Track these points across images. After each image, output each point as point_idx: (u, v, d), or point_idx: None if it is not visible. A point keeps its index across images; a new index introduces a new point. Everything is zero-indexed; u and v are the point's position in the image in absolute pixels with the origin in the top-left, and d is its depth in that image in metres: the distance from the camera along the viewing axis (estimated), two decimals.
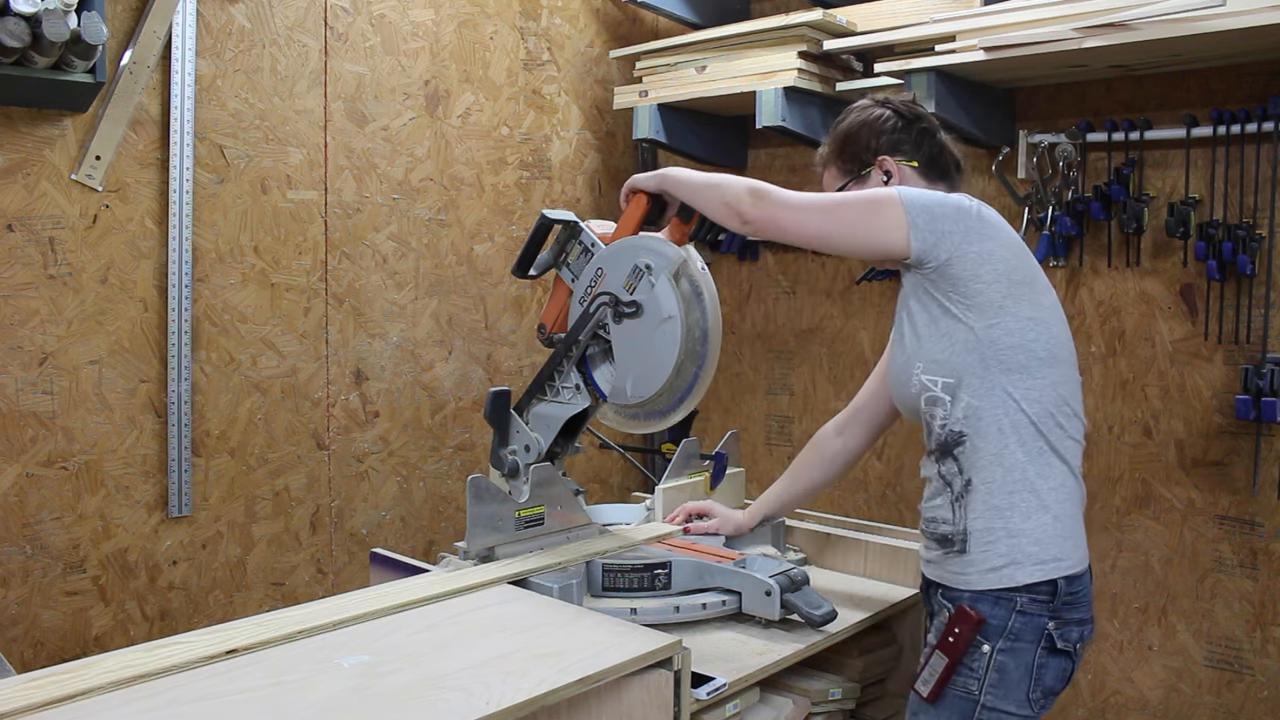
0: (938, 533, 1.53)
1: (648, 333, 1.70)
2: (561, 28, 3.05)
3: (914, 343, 1.52)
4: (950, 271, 1.46)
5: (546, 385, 1.84)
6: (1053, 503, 1.47)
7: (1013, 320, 1.47)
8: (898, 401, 1.61)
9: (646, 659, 1.32)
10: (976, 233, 1.47)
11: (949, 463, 1.50)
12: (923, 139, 1.69)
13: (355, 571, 2.55)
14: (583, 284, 1.79)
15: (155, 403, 2.21)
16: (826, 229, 1.52)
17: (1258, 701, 2.35)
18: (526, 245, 1.86)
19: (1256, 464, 2.32)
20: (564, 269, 1.85)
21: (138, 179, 2.17)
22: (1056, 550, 1.46)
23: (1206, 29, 2.01)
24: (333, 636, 1.37)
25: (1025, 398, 1.46)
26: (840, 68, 2.77)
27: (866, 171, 1.69)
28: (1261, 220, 2.29)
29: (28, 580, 2.04)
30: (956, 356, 1.47)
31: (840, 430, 1.91)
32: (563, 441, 1.88)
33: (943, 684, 1.47)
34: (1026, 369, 1.47)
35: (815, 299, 3.06)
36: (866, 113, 1.71)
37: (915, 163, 1.68)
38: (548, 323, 1.88)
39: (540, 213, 1.83)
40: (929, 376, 1.50)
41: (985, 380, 1.46)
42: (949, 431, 1.49)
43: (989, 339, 1.46)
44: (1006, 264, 1.48)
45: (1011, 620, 1.45)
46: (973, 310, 1.46)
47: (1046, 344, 1.49)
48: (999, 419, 1.46)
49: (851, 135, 1.71)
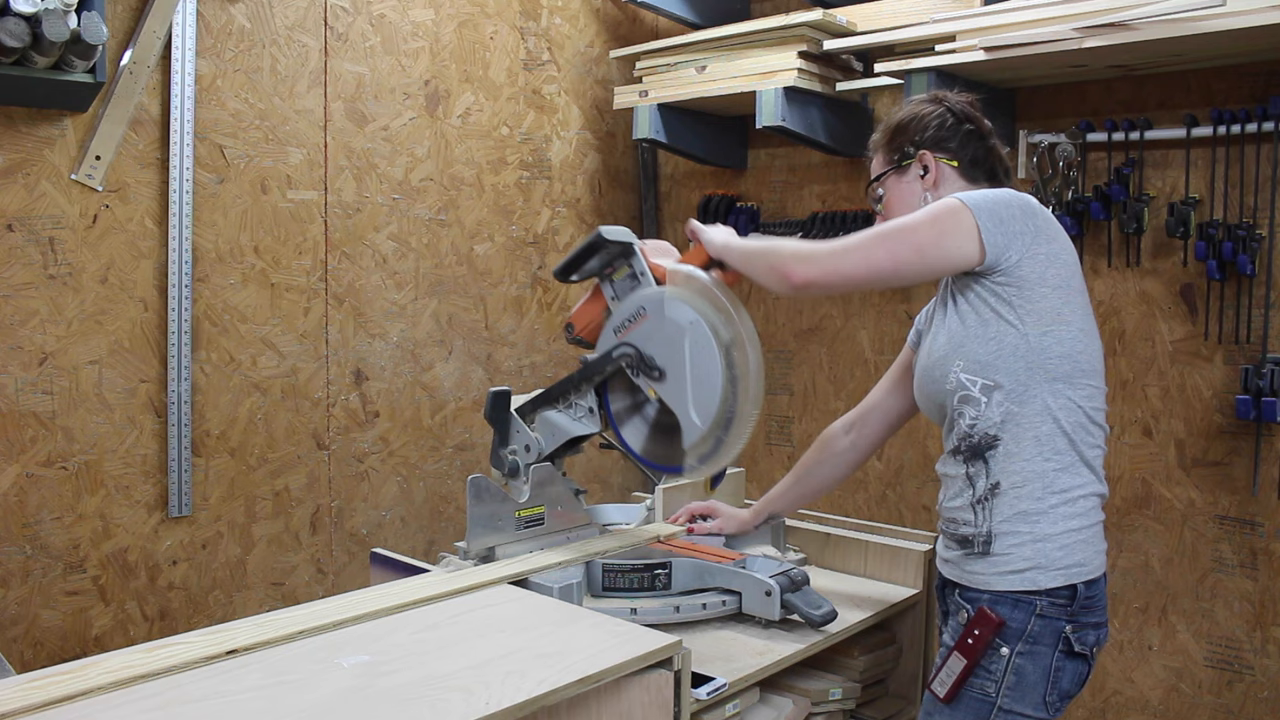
0: (958, 533, 1.53)
1: (682, 352, 1.64)
2: (561, 28, 3.05)
3: (959, 339, 1.50)
4: (1019, 273, 1.45)
5: (563, 396, 1.82)
6: (1080, 510, 1.47)
7: (1066, 330, 1.46)
8: (924, 395, 1.59)
9: (646, 659, 1.32)
10: (1044, 234, 1.46)
11: (978, 464, 1.49)
12: (969, 140, 1.66)
13: (355, 571, 2.55)
14: (622, 314, 1.73)
15: (155, 403, 2.21)
16: (896, 259, 1.48)
17: (1258, 701, 2.35)
18: (576, 254, 1.79)
19: (1256, 464, 2.32)
20: (607, 284, 1.78)
21: (138, 179, 2.17)
22: (1080, 556, 1.46)
23: (1206, 29, 2.01)
24: (333, 636, 1.37)
25: (1063, 407, 1.46)
26: (840, 68, 2.77)
27: (907, 164, 1.66)
28: (1261, 220, 2.29)
29: (28, 580, 2.04)
30: (1003, 360, 1.46)
31: (849, 430, 1.89)
32: (562, 450, 1.87)
33: (960, 685, 1.47)
34: (1070, 379, 1.46)
35: (815, 299, 3.06)
36: (920, 107, 1.70)
37: (956, 162, 1.64)
38: (577, 324, 1.85)
39: (597, 229, 1.74)
40: (968, 375, 1.48)
41: (1028, 387, 1.45)
42: (981, 433, 1.48)
43: (1041, 346, 1.45)
44: (1068, 269, 1.48)
45: (1031, 623, 1.45)
46: (1030, 316, 1.45)
47: (1090, 356, 1.49)
48: (1036, 426, 1.46)
49: (901, 127, 1.69)
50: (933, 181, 1.64)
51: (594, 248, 1.75)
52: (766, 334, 3.17)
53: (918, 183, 1.65)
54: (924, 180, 1.64)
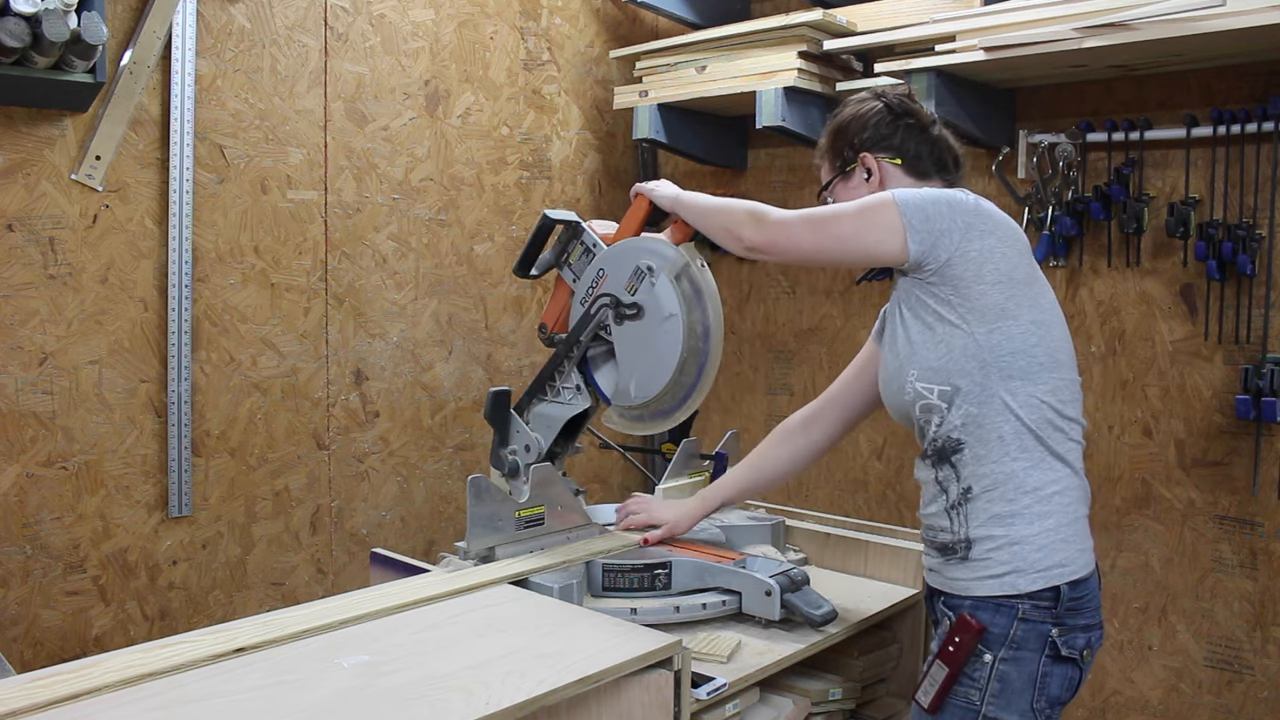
0: (938, 541, 1.51)
1: (650, 333, 1.70)
2: (561, 28, 3.05)
3: (907, 350, 1.49)
4: (951, 273, 1.43)
5: (547, 385, 1.84)
6: (1056, 507, 1.45)
7: (1015, 325, 1.43)
8: (889, 407, 1.58)
9: (646, 659, 1.32)
10: (976, 229, 1.43)
11: (946, 469, 1.48)
12: (909, 135, 1.62)
13: (355, 571, 2.55)
14: (584, 285, 1.79)
15: (155, 403, 2.21)
16: (819, 245, 1.51)
17: (1258, 701, 2.35)
18: (528, 245, 1.87)
19: (1256, 464, 2.32)
20: (565, 269, 1.85)
21: (138, 179, 2.17)
22: (1060, 556, 1.44)
23: (1206, 29, 2.01)
24: (333, 636, 1.37)
25: (1025, 404, 1.43)
26: (840, 68, 2.77)
27: (850, 168, 1.64)
28: (1261, 220, 2.29)
29: (28, 580, 2.04)
30: (954, 364, 1.44)
31: (808, 424, 1.85)
32: (563, 442, 1.88)
33: (944, 694, 1.44)
34: (1027, 375, 1.44)
35: (815, 299, 3.06)
36: (857, 107, 1.67)
37: (898, 160, 1.62)
38: (549, 323, 1.88)
39: (542, 212, 1.83)
40: (924, 384, 1.47)
41: (984, 388, 1.43)
42: (946, 438, 1.47)
43: (990, 345, 1.43)
44: (1009, 262, 1.44)
45: (1014, 628, 1.42)
46: (973, 314, 1.43)
47: (1047, 348, 1.46)
48: (998, 426, 1.43)
49: (841, 130, 1.67)
50: (878, 183, 1.61)
51: (544, 230, 1.84)
52: (766, 334, 3.17)
53: (864, 186, 1.62)
54: (869, 183, 1.62)
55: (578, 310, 1.80)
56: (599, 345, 1.80)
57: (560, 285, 1.87)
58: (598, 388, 1.81)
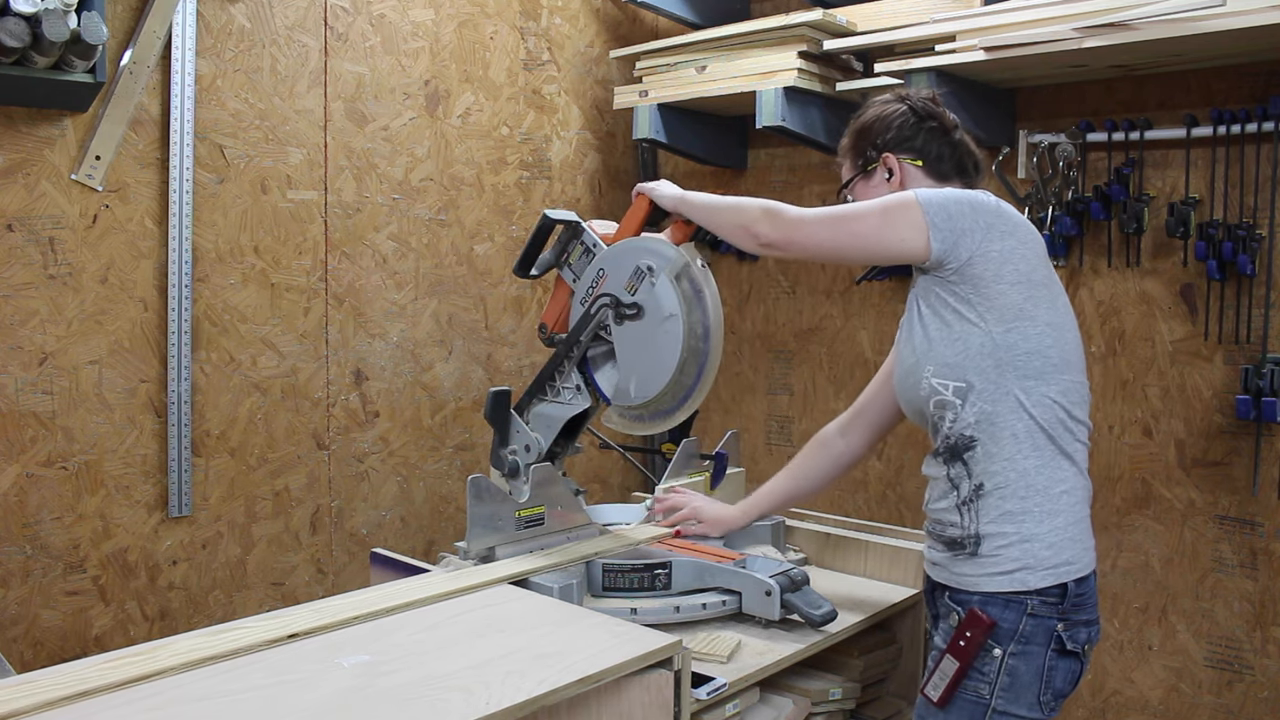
0: (945, 535, 1.52)
1: (650, 333, 1.70)
2: (561, 28, 3.05)
3: (924, 345, 1.50)
4: (971, 272, 1.45)
5: (547, 385, 1.84)
6: (1064, 506, 1.47)
7: (1031, 325, 1.45)
8: (903, 402, 1.60)
9: (646, 659, 1.32)
10: (997, 230, 1.45)
11: (958, 466, 1.49)
12: (932, 137, 1.65)
13: (355, 571, 2.55)
14: (584, 285, 1.79)
15: (155, 403, 2.21)
16: (838, 242, 1.52)
17: (1258, 701, 2.35)
18: (528, 245, 1.87)
19: (1256, 464, 2.32)
20: (565, 269, 1.85)
21: (138, 179, 2.17)
22: (1069, 554, 1.46)
23: (1206, 29, 2.01)
24: (333, 636, 1.37)
25: (1038, 403, 1.46)
26: (840, 68, 2.77)
27: (872, 168, 1.67)
28: (1261, 220, 2.29)
29: (28, 580, 2.04)
30: (970, 361, 1.46)
31: (844, 431, 1.89)
32: (563, 441, 1.88)
33: (953, 688, 1.46)
34: (1041, 375, 1.46)
35: (815, 299, 3.06)
36: (882, 108, 1.70)
37: (920, 161, 1.65)
38: (549, 323, 1.88)
39: (542, 212, 1.83)
40: (939, 380, 1.49)
41: (999, 386, 1.45)
42: (959, 435, 1.48)
43: (1006, 344, 1.45)
44: (1028, 263, 1.47)
45: (1022, 623, 1.45)
46: (992, 313, 1.45)
47: (1061, 350, 1.48)
48: (1011, 424, 1.45)
49: (864, 129, 1.69)
50: (899, 183, 1.64)
51: (544, 230, 1.84)
52: (766, 334, 3.17)
53: (884, 186, 1.65)
54: (890, 183, 1.64)
55: (578, 310, 1.80)
56: (599, 345, 1.80)
57: (560, 285, 1.87)
58: (598, 388, 1.81)
